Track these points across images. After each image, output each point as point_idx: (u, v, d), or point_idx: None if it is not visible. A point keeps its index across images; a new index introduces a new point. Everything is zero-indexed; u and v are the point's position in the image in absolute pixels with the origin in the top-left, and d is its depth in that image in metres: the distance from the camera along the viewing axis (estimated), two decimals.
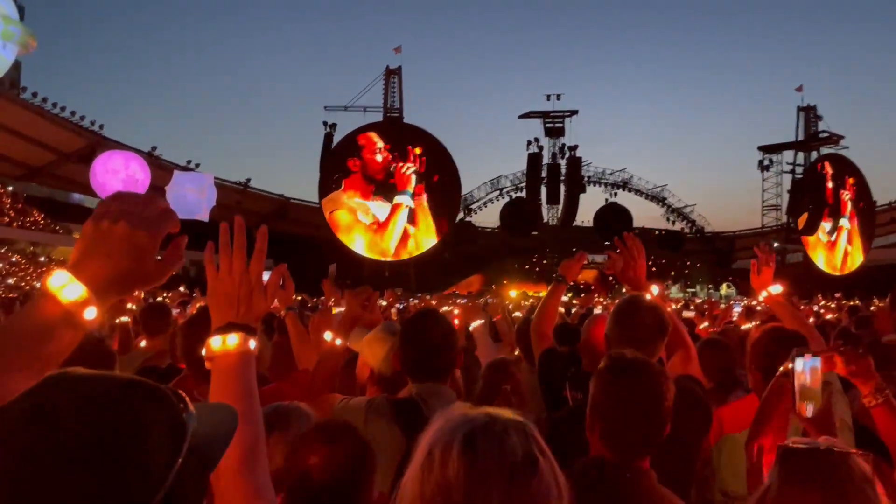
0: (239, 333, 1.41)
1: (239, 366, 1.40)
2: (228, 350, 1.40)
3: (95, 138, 42.20)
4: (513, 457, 0.93)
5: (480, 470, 0.91)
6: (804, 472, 1.31)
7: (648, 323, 2.47)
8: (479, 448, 0.93)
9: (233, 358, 1.39)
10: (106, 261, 1.09)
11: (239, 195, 49.33)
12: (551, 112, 48.30)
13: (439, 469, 0.93)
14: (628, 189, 52.19)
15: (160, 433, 0.79)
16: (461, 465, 0.92)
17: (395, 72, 44.86)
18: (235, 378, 1.38)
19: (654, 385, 1.81)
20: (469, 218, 50.53)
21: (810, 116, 46.07)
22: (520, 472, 0.93)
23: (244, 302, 1.42)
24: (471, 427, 0.96)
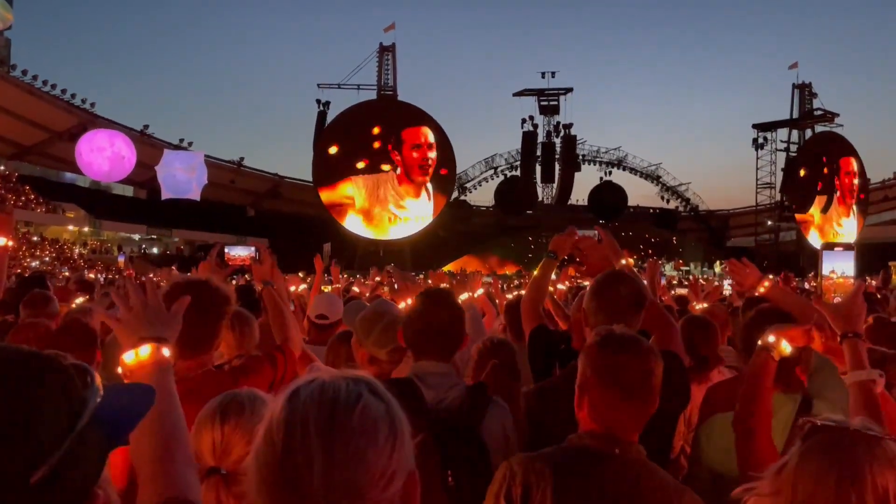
0: (151, 344, 1.49)
1: (154, 375, 1.46)
2: (142, 361, 1.48)
3: (87, 116, 41.88)
4: (334, 395, 0.94)
5: (300, 412, 0.92)
6: (823, 450, 1.28)
7: (625, 295, 2.46)
8: (301, 395, 0.94)
9: (147, 369, 1.47)
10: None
11: (232, 174, 49.14)
12: (546, 90, 48.09)
13: (266, 424, 0.95)
14: (623, 167, 52.19)
15: (52, 405, 0.81)
16: (283, 412, 0.93)
17: (389, 49, 44.48)
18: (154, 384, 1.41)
19: (643, 361, 1.80)
20: (464, 196, 50.47)
21: (805, 94, 45.96)
22: (340, 409, 0.93)
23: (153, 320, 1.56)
24: (297, 384, 0.98)
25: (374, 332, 2.76)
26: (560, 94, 48.12)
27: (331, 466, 0.90)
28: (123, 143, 13.95)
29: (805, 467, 1.28)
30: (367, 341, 2.77)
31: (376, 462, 0.92)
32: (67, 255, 39.15)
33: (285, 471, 0.91)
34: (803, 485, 1.27)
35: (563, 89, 48.21)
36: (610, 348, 1.83)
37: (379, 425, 0.94)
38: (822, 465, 1.26)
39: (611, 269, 2.83)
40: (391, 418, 0.97)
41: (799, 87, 46.14)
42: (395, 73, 44.39)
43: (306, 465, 0.90)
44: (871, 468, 1.24)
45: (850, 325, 1.94)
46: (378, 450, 0.93)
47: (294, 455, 0.90)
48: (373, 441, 0.93)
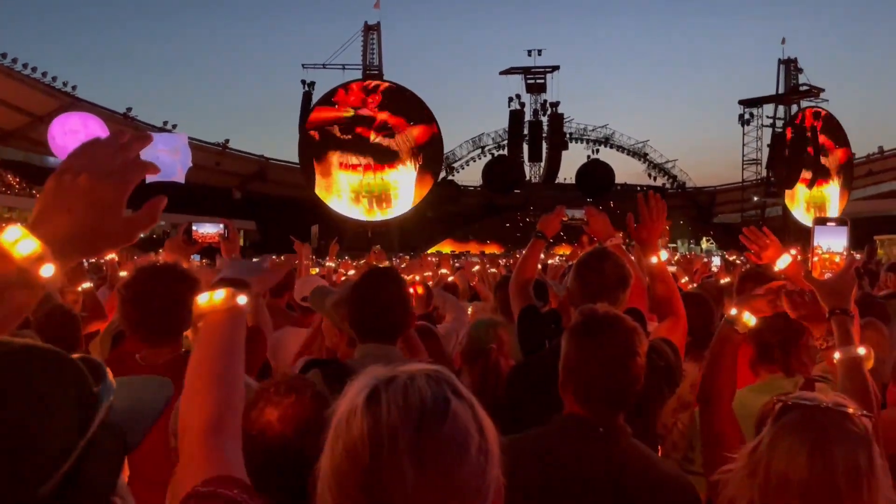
0: (227, 288, 1.36)
1: (226, 322, 1.33)
2: (215, 305, 1.34)
3: (69, 99, 41.30)
4: (420, 404, 0.86)
5: (385, 423, 0.84)
6: (795, 428, 1.29)
7: (609, 273, 2.44)
8: (383, 402, 0.86)
9: (219, 315, 1.33)
10: (66, 216, 0.96)
11: (218, 156, 48.68)
12: (532, 68, 47.78)
13: (345, 434, 0.86)
14: (610, 145, 52.12)
15: (63, 407, 0.73)
16: (364, 423, 0.85)
17: (374, 28, 44.06)
18: (219, 336, 1.31)
19: (627, 341, 1.79)
20: (451, 177, 50.30)
21: (791, 69, 45.96)
22: (428, 418, 0.85)
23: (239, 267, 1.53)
24: (374, 383, 0.89)
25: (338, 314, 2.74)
26: (547, 72, 47.85)
27: (422, 485, 0.83)
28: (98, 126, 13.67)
29: (777, 446, 1.29)
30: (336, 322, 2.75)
31: (470, 476, 0.86)
32: None
33: (372, 488, 0.83)
34: (776, 464, 1.28)
35: (549, 67, 47.94)
36: (592, 329, 1.81)
37: (470, 435, 0.87)
38: (794, 444, 1.27)
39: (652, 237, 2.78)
40: (479, 425, 0.89)
41: (785, 62, 46.12)
42: (381, 52, 44.03)
43: (396, 483, 0.82)
44: (841, 445, 1.25)
45: (839, 301, 1.92)
46: (471, 462, 0.86)
47: (382, 472, 0.83)
48: (466, 453, 0.86)
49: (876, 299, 4.30)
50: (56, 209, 0.97)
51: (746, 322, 2.14)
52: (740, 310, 2.15)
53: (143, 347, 2.36)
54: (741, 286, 3.50)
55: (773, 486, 1.28)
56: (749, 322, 2.14)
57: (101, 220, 0.98)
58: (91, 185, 0.98)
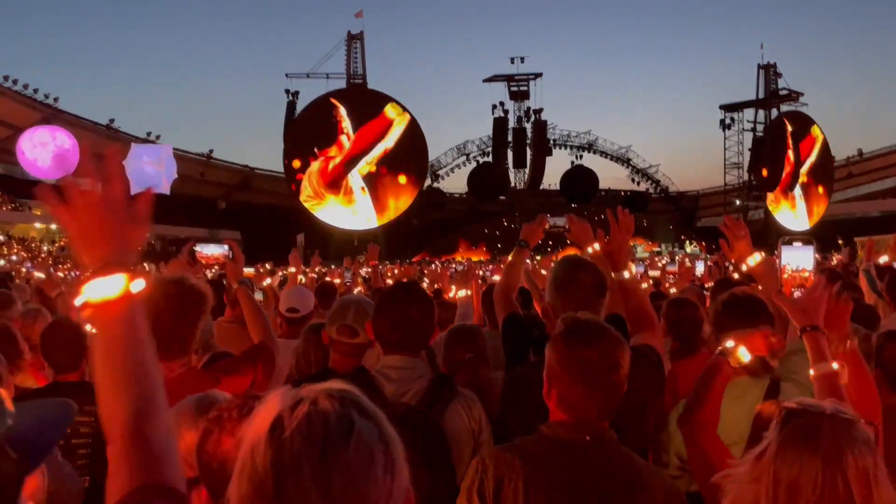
0: (124, 273, 1.18)
1: (127, 313, 1.18)
2: (111, 298, 1.17)
3: (50, 111, 40.93)
4: (324, 429, 0.85)
5: (288, 452, 0.83)
6: (804, 435, 1.29)
7: (586, 283, 2.45)
8: (286, 430, 0.85)
9: (119, 304, 1.18)
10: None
11: (202, 166, 48.43)
12: (516, 75, 47.99)
13: (250, 465, 0.85)
14: (593, 151, 52.40)
15: None
16: (268, 453, 0.84)
17: (358, 37, 44.04)
18: (123, 328, 1.18)
19: (610, 349, 1.81)
20: (437, 184, 50.35)
21: (770, 74, 46.43)
22: (332, 443, 0.85)
23: (116, 233, 1.21)
24: (279, 410, 0.87)
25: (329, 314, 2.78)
26: (530, 79, 48.05)
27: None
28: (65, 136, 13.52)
29: (787, 453, 1.30)
30: (327, 324, 2.81)
31: (377, 495, 0.86)
32: (35, 253, 38.38)
33: None
34: (787, 470, 1.29)
35: (532, 74, 48.16)
36: (575, 338, 1.83)
37: (375, 455, 0.87)
38: (805, 451, 1.28)
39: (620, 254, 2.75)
40: (385, 443, 0.89)
41: (764, 67, 46.59)
42: (364, 61, 44.04)
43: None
44: (851, 451, 1.27)
45: (809, 318, 1.95)
46: (377, 482, 0.87)
47: (287, 499, 0.83)
48: (371, 474, 0.86)
49: (862, 303, 4.32)
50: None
51: (740, 358, 2.12)
52: (736, 344, 2.13)
53: None
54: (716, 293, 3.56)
55: (782, 493, 1.29)
56: (742, 359, 2.12)
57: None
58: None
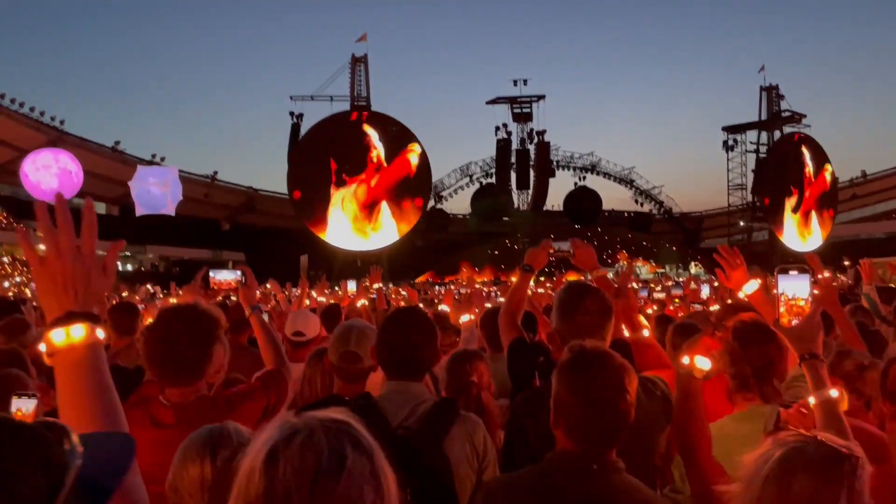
0: (84, 323, 1.24)
1: (88, 360, 1.23)
2: (74, 343, 1.22)
3: (56, 134, 41.29)
4: (316, 462, 0.88)
5: (281, 484, 0.86)
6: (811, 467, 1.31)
7: (591, 309, 2.46)
8: (280, 460, 0.87)
9: (80, 352, 1.22)
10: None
11: (206, 188, 48.68)
12: (519, 97, 48.34)
13: (244, 494, 0.88)
14: (597, 172, 52.58)
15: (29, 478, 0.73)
16: (262, 483, 0.87)
17: (361, 60, 44.42)
18: (86, 374, 1.22)
19: (616, 378, 1.81)
20: (440, 205, 50.51)
21: (772, 96, 46.68)
22: (323, 477, 0.87)
23: (81, 284, 1.26)
24: (275, 440, 0.90)
25: (330, 341, 2.80)
26: (533, 101, 48.41)
27: None
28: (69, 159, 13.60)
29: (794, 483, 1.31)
30: (329, 351, 2.79)
31: None
32: None
33: None
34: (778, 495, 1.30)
35: (535, 96, 48.52)
36: (582, 367, 1.83)
37: (364, 490, 0.90)
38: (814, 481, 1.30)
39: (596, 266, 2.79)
40: (376, 477, 0.92)
41: (766, 89, 46.85)
42: (368, 83, 44.36)
43: None
44: (856, 482, 1.29)
45: (807, 346, 1.97)
46: None
47: None
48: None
49: (869, 328, 4.28)
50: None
51: (701, 367, 2.17)
52: (690, 357, 2.18)
53: (166, 388, 2.35)
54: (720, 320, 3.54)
55: None
56: (703, 368, 2.17)
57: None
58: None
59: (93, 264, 1.29)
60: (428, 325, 2.45)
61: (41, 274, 1.27)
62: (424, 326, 2.41)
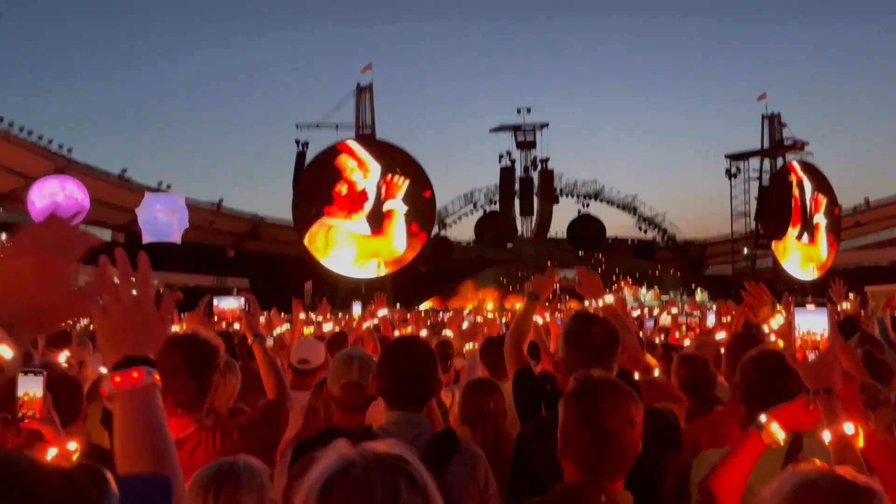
0: (140, 368, 1.29)
1: (144, 402, 1.28)
2: (130, 387, 1.27)
3: (64, 162, 41.58)
4: (370, 496, 0.88)
5: None
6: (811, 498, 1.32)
7: (597, 337, 2.45)
8: (335, 495, 0.89)
9: (136, 395, 1.27)
10: (16, 297, 1.06)
11: (211, 215, 48.85)
12: (522, 125, 48.65)
13: None
14: (600, 199, 52.67)
15: None
16: None
17: (366, 89, 44.82)
18: (141, 415, 1.28)
19: (623, 407, 1.81)
20: (444, 232, 50.59)
21: (775, 124, 46.87)
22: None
23: (140, 332, 1.32)
24: (330, 473, 0.92)
25: (331, 371, 2.78)
26: (536, 128, 48.71)
27: None
28: (76, 186, 13.63)
29: None
30: (329, 381, 2.79)
31: None
32: None
33: None
34: None
35: (538, 124, 48.82)
36: (588, 396, 1.83)
37: None
38: None
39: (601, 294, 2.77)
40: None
41: (768, 117, 47.06)
42: (373, 112, 44.72)
43: None
44: None
45: (822, 381, 1.96)
46: None
47: None
48: None
49: (876, 358, 4.24)
50: (6, 293, 1.05)
51: (776, 437, 2.04)
52: (769, 420, 2.05)
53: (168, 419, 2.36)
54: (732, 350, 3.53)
55: None
56: (777, 435, 2.04)
57: (52, 296, 1.08)
58: (38, 264, 1.06)
59: (150, 313, 1.33)
60: (429, 354, 2.44)
61: (103, 326, 1.31)
62: (425, 355, 2.41)
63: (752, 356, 2.47)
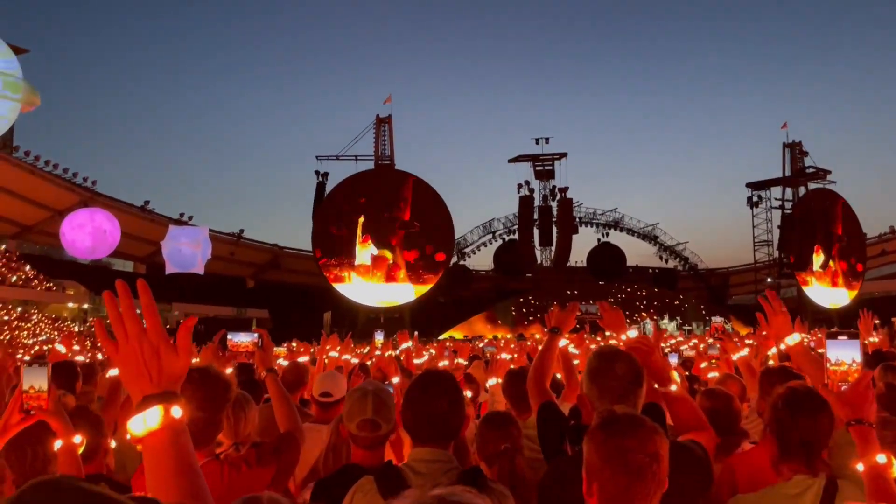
0: (160, 406, 1.28)
1: (168, 441, 1.27)
2: (151, 429, 1.27)
3: (88, 194, 42.39)
4: None
5: None
6: None
7: (622, 374, 2.41)
8: None
9: (158, 436, 1.27)
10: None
11: (232, 246, 49.37)
12: (541, 155, 48.86)
13: None
14: (620, 228, 52.58)
15: None
16: None
17: (386, 120, 45.39)
18: (167, 456, 1.27)
19: (647, 442, 1.77)
20: (463, 261, 50.65)
21: (796, 152, 46.68)
22: None
23: (154, 366, 1.30)
24: None
25: (346, 408, 2.73)
26: (555, 159, 48.90)
27: None
28: (105, 218, 13.81)
29: None
30: (345, 419, 2.74)
31: None
32: (66, 332, 38.92)
33: None
34: None
35: (557, 154, 49.02)
36: (613, 432, 1.80)
37: None
38: None
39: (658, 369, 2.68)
40: None
41: (790, 145, 46.89)
42: (392, 143, 45.19)
43: None
44: None
45: (856, 412, 1.96)
46: None
47: None
48: None
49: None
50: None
51: None
52: None
53: None
54: (764, 383, 3.46)
55: None
56: None
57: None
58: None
59: (160, 343, 1.31)
60: (455, 390, 2.42)
61: (118, 362, 1.32)
62: (451, 392, 2.39)
63: (783, 393, 2.41)
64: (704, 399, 3.58)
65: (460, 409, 2.38)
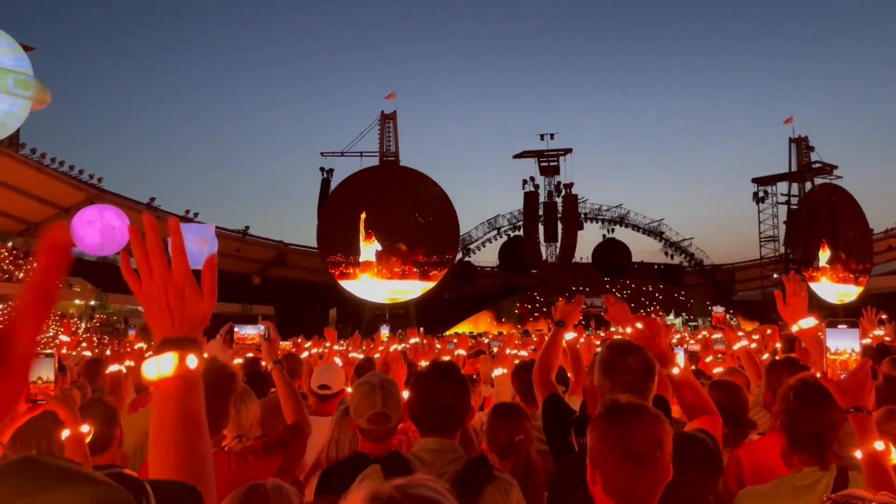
0: (175, 352, 1.22)
1: (178, 391, 1.21)
2: (164, 375, 1.21)
3: (94, 191, 42.51)
4: None
5: None
6: None
7: (634, 367, 2.43)
8: None
9: (169, 384, 1.21)
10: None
11: (238, 243, 49.42)
12: (545, 151, 48.77)
13: None
14: (625, 224, 52.42)
15: None
16: None
17: (390, 116, 45.35)
18: (173, 407, 1.21)
19: (650, 429, 1.78)
20: (468, 258, 50.64)
21: (802, 147, 46.48)
22: None
23: (176, 307, 1.24)
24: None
25: (353, 403, 2.74)
26: (560, 154, 48.79)
27: None
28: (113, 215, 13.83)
29: None
30: (353, 414, 2.76)
31: None
32: (73, 328, 39.10)
33: None
34: None
35: (562, 150, 48.92)
36: (616, 419, 1.81)
37: None
38: None
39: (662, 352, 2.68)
40: None
41: (795, 140, 46.69)
42: (397, 139, 45.17)
43: None
44: None
45: (855, 399, 1.97)
46: None
47: None
48: None
49: None
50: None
51: None
52: None
53: None
54: (771, 375, 3.46)
55: None
56: None
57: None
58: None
59: (186, 285, 1.24)
60: (461, 381, 2.44)
61: (141, 298, 1.25)
62: (457, 383, 2.41)
63: (793, 385, 2.40)
64: (712, 390, 3.58)
65: (466, 399, 2.39)
